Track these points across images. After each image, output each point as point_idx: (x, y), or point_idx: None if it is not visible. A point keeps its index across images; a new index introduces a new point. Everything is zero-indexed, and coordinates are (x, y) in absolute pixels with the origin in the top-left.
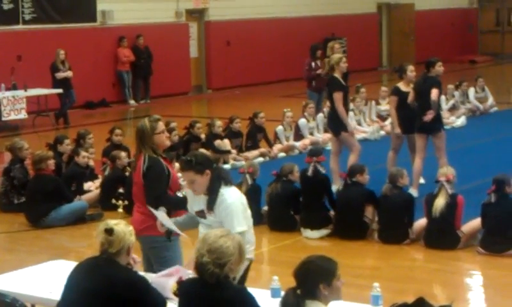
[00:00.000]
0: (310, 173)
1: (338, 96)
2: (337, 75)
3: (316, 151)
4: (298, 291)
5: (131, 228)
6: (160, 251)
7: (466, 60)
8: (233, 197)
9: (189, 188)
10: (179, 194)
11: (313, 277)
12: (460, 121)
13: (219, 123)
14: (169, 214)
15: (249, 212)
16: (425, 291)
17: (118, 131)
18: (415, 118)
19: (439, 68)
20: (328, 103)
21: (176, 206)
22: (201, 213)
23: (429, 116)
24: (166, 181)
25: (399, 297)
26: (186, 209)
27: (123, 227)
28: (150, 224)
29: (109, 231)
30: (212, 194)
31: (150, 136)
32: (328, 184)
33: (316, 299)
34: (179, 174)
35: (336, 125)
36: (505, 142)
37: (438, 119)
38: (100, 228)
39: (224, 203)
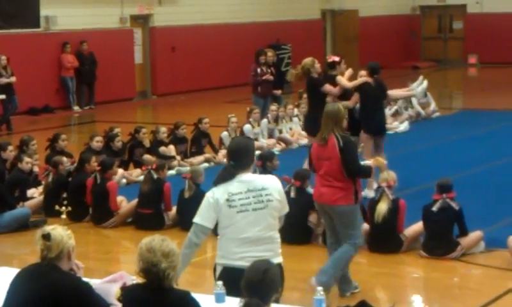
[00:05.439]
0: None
1: (327, 87)
2: (315, 75)
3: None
4: (258, 302)
5: (69, 231)
6: (348, 217)
7: (409, 66)
8: (209, 192)
9: None
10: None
11: (274, 284)
12: (403, 127)
13: (163, 129)
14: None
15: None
16: (368, 295)
17: (63, 136)
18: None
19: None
20: (302, 105)
21: (367, 174)
22: None
23: None
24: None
25: (342, 300)
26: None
27: (60, 231)
28: (340, 196)
29: (46, 237)
30: None
31: (342, 118)
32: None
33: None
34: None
35: (315, 126)
36: (447, 147)
37: (383, 122)
38: (38, 235)
39: None
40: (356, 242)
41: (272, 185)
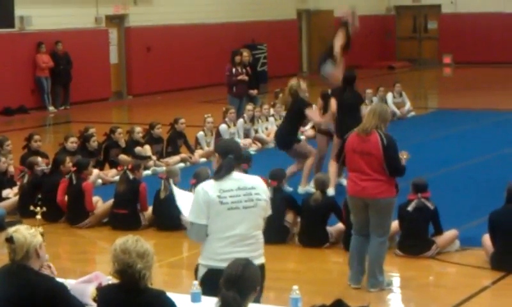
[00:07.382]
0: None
1: (311, 112)
2: (302, 95)
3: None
4: (234, 295)
5: (32, 230)
6: (388, 209)
7: (384, 66)
8: (199, 187)
9: None
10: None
11: (252, 281)
12: None
13: (138, 129)
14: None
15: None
16: (344, 294)
17: (36, 137)
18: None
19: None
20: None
21: (404, 173)
22: None
23: None
24: None
25: (318, 299)
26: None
27: (23, 232)
28: (384, 188)
29: (10, 240)
30: None
31: (388, 119)
32: None
33: (245, 303)
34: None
35: (286, 140)
36: (422, 146)
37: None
38: (1, 239)
39: None
40: (388, 235)
41: (260, 185)
